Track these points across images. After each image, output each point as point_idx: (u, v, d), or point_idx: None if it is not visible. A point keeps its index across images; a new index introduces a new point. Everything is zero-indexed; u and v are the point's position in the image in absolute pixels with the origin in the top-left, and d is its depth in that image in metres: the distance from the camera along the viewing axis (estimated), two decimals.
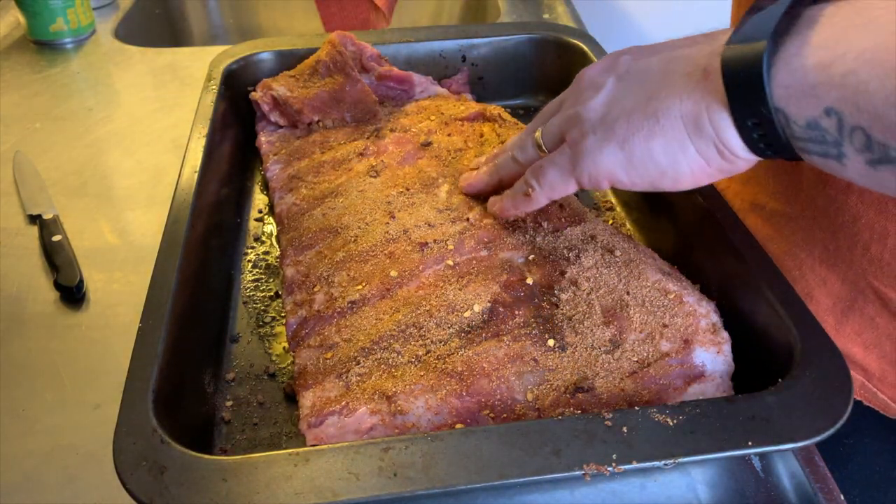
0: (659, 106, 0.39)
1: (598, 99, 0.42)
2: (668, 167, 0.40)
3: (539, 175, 0.46)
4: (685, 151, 0.39)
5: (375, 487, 0.34)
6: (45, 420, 0.49)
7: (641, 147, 0.40)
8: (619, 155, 0.41)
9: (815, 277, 0.55)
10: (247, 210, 0.65)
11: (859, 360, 0.55)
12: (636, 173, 0.41)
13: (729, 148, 0.38)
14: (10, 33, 1.04)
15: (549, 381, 0.43)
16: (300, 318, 0.50)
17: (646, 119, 0.39)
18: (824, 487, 0.42)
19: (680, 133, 0.38)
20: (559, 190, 0.46)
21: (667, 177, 0.40)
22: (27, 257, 0.62)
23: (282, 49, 0.74)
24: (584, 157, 0.42)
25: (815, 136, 0.34)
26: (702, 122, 0.37)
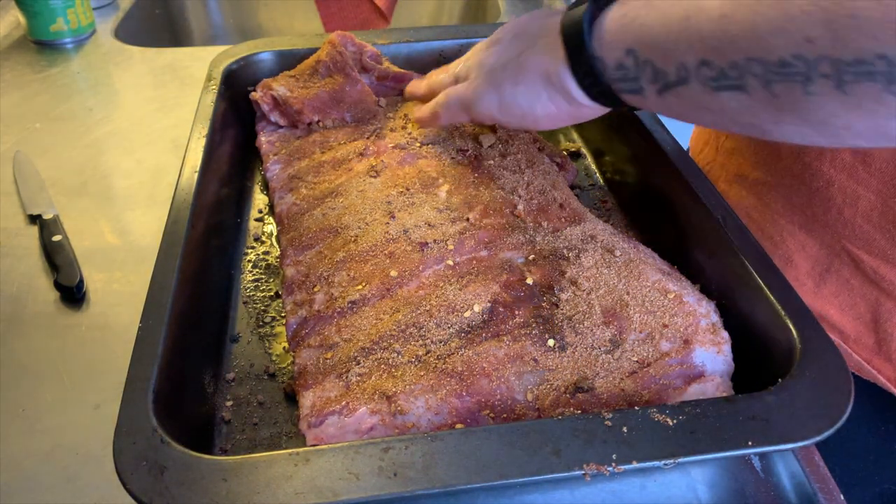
0: (526, 60, 0.48)
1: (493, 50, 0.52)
2: (528, 110, 0.49)
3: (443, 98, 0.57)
4: (540, 98, 0.48)
5: (375, 487, 0.34)
6: (45, 420, 0.49)
7: (510, 92, 0.49)
8: (494, 96, 0.51)
9: (794, 242, 0.58)
10: (247, 210, 0.65)
11: (836, 321, 0.57)
12: (506, 111, 0.51)
13: (572, 95, 0.46)
14: (10, 33, 1.04)
15: (549, 381, 0.43)
16: (300, 318, 0.50)
17: (516, 70, 0.49)
18: (824, 487, 0.42)
19: (538, 83, 0.48)
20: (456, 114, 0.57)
21: (528, 118, 0.50)
22: (27, 257, 0.62)
23: (282, 49, 0.74)
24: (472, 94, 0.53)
25: (623, 76, 0.42)
26: (551, 74, 0.46)
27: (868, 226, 0.52)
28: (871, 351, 0.56)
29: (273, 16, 1.36)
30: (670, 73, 0.39)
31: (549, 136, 0.74)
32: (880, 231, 0.52)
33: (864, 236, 0.53)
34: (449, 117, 0.57)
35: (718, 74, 0.36)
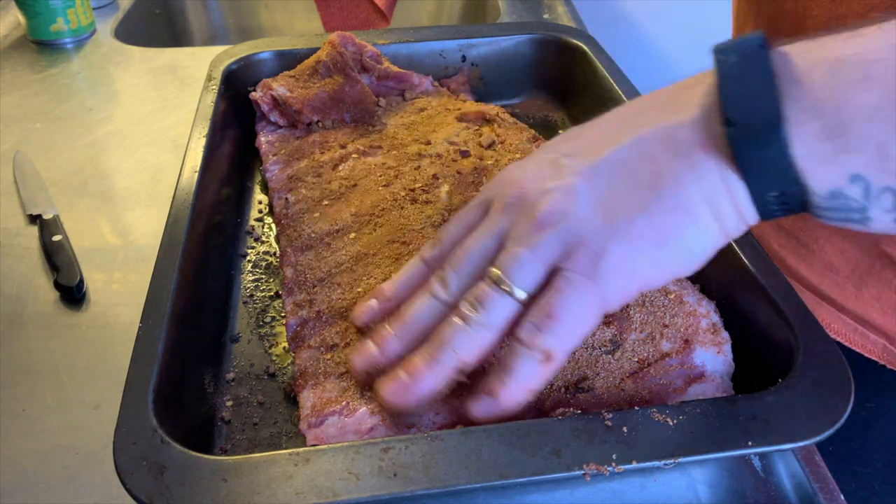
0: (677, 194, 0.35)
1: (582, 206, 0.35)
2: (699, 252, 0.36)
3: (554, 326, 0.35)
4: (712, 232, 0.36)
5: (375, 487, 0.34)
6: (45, 420, 0.49)
7: (677, 242, 0.35)
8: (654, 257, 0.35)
9: (832, 248, 0.55)
10: (247, 210, 0.65)
11: (879, 324, 0.56)
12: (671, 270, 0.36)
13: (745, 218, 0.36)
14: (10, 33, 1.04)
15: (550, 380, 0.43)
16: (300, 318, 0.50)
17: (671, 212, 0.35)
18: (824, 487, 0.42)
19: (706, 215, 0.35)
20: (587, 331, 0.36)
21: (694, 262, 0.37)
22: (27, 257, 0.62)
23: (282, 49, 0.74)
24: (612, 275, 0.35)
25: (839, 205, 0.32)
26: (723, 200, 0.35)
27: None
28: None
29: (273, 16, 1.36)
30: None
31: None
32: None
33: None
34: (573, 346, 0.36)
35: None
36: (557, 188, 0.36)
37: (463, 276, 0.38)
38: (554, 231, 0.35)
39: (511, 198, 0.38)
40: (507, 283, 0.35)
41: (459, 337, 0.36)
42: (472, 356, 0.37)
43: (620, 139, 0.36)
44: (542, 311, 0.35)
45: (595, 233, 0.35)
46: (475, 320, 0.36)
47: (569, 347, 0.36)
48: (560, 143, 0.40)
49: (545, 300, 0.35)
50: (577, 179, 0.36)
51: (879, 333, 0.56)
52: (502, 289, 0.36)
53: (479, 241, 0.38)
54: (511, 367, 0.36)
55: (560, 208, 0.35)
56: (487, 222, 0.38)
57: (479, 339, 0.36)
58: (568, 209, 0.35)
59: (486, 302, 0.36)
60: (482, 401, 0.37)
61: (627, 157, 0.36)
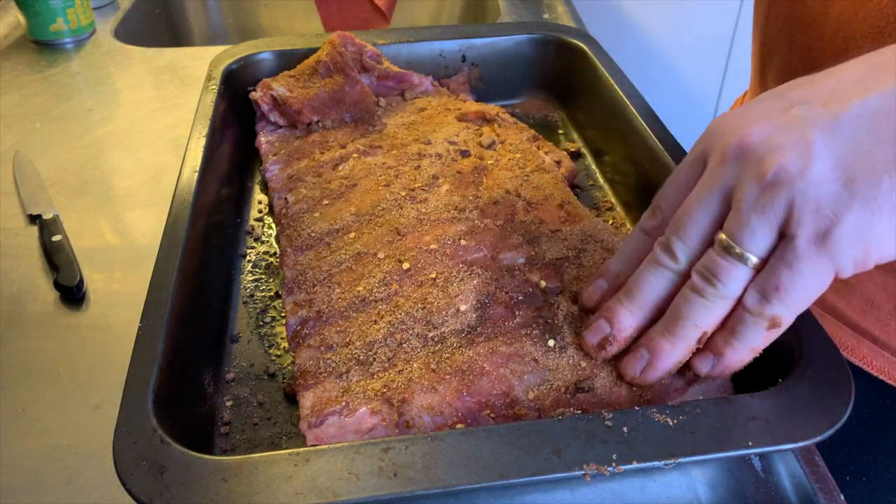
0: None
1: (819, 164, 0.32)
2: None
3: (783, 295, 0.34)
4: None
5: (375, 487, 0.34)
6: (45, 420, 0.49)
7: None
8: None
9: (873, 284, 0.51)
10: (247, 210, 0.65)
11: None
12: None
13: None
14: (10, 33, 1.04)
15: (550, 381, 0.43)
16: (300, 318, 0.50)
17: None
18: (824, 487, 0.42)
19: None
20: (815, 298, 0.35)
21: None
22: (27, 257, 0.62)
23: (282, 49, 0.74)
24: (845, 244, 0.32)
25: None
26: None
27: None
28: None
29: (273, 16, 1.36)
30: None
31: (549, 137, 0.74)
32: None
33: None
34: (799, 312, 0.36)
35: None
36: (792, 143, 0.32)
37: (690, 243, 0.37)
38: (786, 192, 0.32)
39: (733, 149, 0.34)
40: (739, 251, 0.34)
41: (699, 312, 0.36)
42: (711, 326, 0.37)
43: (872, 88, 0.32)
44: (769, 282, 0.34)
45: (832, 197, 0.32)
46: (713, 293, 0.35)
47: (796, 313, 0.35)
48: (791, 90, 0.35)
49: (773, 271, 0.34)
50: (815, 133, 0.32)
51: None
52: (734, 257, 0.34)
53: (702, 201, 0.36)
54: (738, 331, 0.36)
55: (794, 167, 0.32)
56: (708, 179, 0.36)
57: (718, 311, 0.36)
58: (803, 168, 0.32)
59: (721, 274, 0.35)
60: (707, 358, 0.38)
61: (880, 108, 0.32)
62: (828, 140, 0.32)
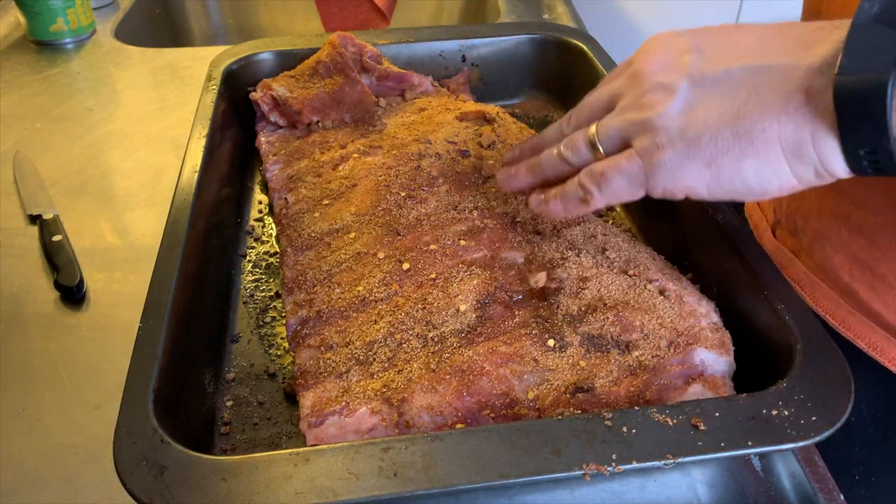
0: (752, 126, 0.37)
1: (673, 106, 0.39)
2: (757, 186, 0.38)
3: (601, 182, 0.43)
4: (779, 173, 0.38)
5: (375, 487, 0.34)
6: (45, 420, 0.49)
7: (731, 167, 0.38)
8: (703, 173, 0.39)
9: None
10: (247, 210, 0.65)
11: None
12: (720, 190, 0.40)
13: (830, 171, 0.37)
14: (10, 33, 1.04)
15: (549, 381, 0.43)
16: (300, 318, 0.50)
17: (736, 139, 0.38)
18: (824, 487, 0.42)
19: (776, 156, 0.37)
20: (623, 198, 0.43)
21: (752, 193, 0.39)
22: (27, 257, 0.62)
23: (282, 49, 0.74)
24: (660, 170, 0.40)
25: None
26: (804, 148, 0.36)
27: None
28: None
29: (273, 16, 1.36)
30: None
31: None
32: None
33: None
34: (609, 201, 0.44)
35: None
36: (666, 83, 0.40)
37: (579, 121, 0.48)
38: (642, 116, 0.41)
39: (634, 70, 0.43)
40: (594, 140, 0.44)
41: (550, 161, 0.48)
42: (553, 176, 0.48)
43: (740, 60, 0.39)
44: (600, 169, 0.43)
45: (667, 134, 0.40)
46: (564, 156, 0.47)
47: (604, 203, 0.44)
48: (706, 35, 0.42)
49: (606, 163, 0.43)
50: (684, 81, 0.40)
51: None
52: (589, 143, 0.45)
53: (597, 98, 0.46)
54: (565, 191, 0.46)
55: (657, 100, 0.40)
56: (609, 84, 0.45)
57: (560, 168, 0.47)
58: (661, 104, 0.40)
59: (575, 148, 0.46)
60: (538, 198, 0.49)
61: (736, 78, 0.38)
62: (689, 90, 0.40)
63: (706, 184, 0.40)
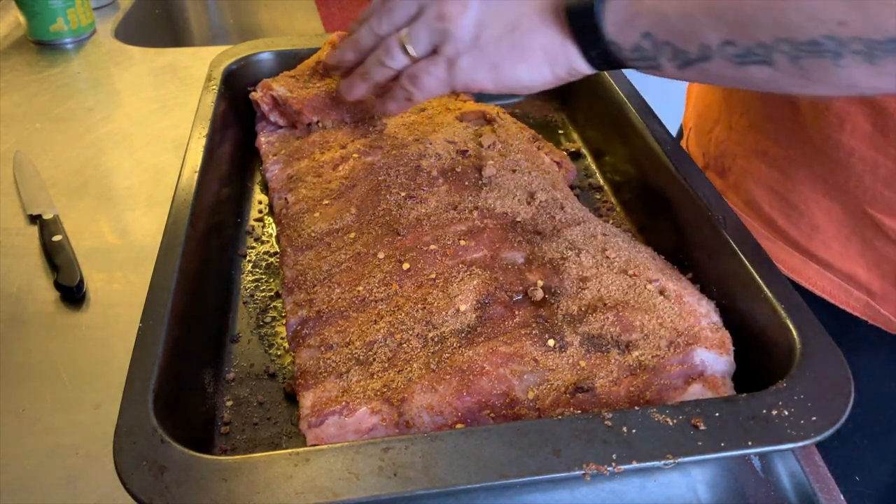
0: (523, 38, 0.49)
1: (467, 18, 0.50)
2: (528, 82, 0.51)
3: (417, 83, 0.54)
4: (542, 73, 0.50)
5: (375, 487, 0.34)
6: (45, 420, 0.49)
7: (510, 69, 0.50)
8: (490, 74, 0.51)
9: (819, 210, 0.60)
10: (247, 210, 0.65)
11: (864, 281, 0.60)
12: (503, 85, 0.51)
13: (577, 70, 0.49)
14: (10, 33, 1.04)
15: (549, 380, 0.43)
16: (300, 318, 0.50)
17: (513, 48, 0.50)
18: (824, 487, 0.42)
19: (540, 61, 0.49)
20: (437, 94, 0.55)
21: (524, 87, 0.51)
22: (27, 257, 0.62)
23: (282, 49, 0.74)
24: (460, 72, 0.52)
25: (640, 55, 0.45)
26: (558, 55, 0.49)
27: (888, 191, 0.55)
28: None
29: (273, 16, 1.36)
30: (692, 52, 0.42)
31: (549, 137, 0.74)
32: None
33: (884, 201, 0.56)
34: (427, 97, 0.56)
35: (744, 52, 0.39)
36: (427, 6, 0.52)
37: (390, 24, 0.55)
38: (444, 26, 0.51)
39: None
40: (406, 44, 0.53)
41: (373, 67, 0.57)
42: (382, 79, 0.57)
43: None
44: (414, 72, 0.54)
45: (463, 41, 0.51)
46: (382, 60, 0.55)
47: (423, 98, 0.55)
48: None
49: (418, 66, 0.54)
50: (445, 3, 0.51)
51: (862, 290, 0.60)
52: (401, 47, 0.54)
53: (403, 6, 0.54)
54: (393, 94, 0.57)
55: (454, 13, 0.51)
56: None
57: (385, 72, 0.56)
58: (457, 16, 0.51)
59: (391, 51, 0.55)
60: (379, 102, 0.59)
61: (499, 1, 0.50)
62: (480, 4, 0.50)
63: (493, 81, 0.51)
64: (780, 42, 0.37)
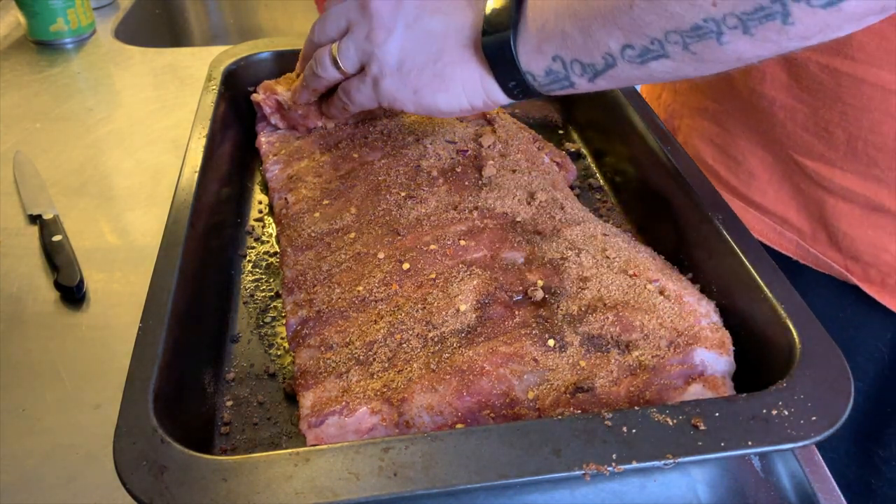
0: (444, 70, 0.52)
1: (392, 43, 0.53)
2: (446, 108, 0.53)
3: (350, 97, 0.58)
4: (460, 102, 0.53)
5: (375, 487, 0.34)
6: (45, 420, 0.49)
7: (429, 96, 0.53)
8: (411, 97, 0.54)
9: (754, 158, 0.66)
10: (247, 210, 0.65)
11: (794, 222, 0.65)
12: (422, 109, 0.54)
13: (494, 100, 0.52)
14: (11, 33, 1.04)
15: (549, 380, 0.43)
16: (300, 318, 0.50)
17: (434, 78, 0.52)
18: (824, 487, 0.42)
19: (459, 91, 0.52)
20: (367, 108, 0.58)
21: (441, 113, 0.54)
22: (27, 257, 0.62)
23: (282, 49, 0.74)
24: (383, 91, 0.55)
25: (553, 79, 0.47)
26: (476, 87, 0.51)
27: (806, 134, 0.60)
28: (824, 245, 0.64)
29: (273, 16, 1.36)
30: (598, 63, 0.45)
31: (549, 137, 0.74)
32: (816, 137, 0.60)
33: (804, 144, 0.61)
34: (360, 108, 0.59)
35: (642, 51, 0.42)
36: (387, 23, 0.53)
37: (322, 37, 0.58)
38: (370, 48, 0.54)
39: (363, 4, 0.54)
40: (336, 59, 0.56)
41: (310, 77, 0.60)
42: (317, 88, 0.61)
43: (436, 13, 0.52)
44: (347, 87, 0.58)
45: (388, 65, 0.53)
46: (318, 70, 0.59)
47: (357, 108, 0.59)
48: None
49: (350, 83, 0.57)
50: (401, 24, 0.53)
51: (794, 231, 0.66)
52: (332, 61, 0.57)
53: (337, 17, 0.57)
54: (332, 102, 0.61)
55: (381, 37, 0.53)
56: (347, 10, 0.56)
57: (321, 81, 0.60)
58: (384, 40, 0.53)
59: (325, 67, 0.58)
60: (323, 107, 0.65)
61: (436, 29, 0.52)
62: (404, 32, 0.52)
63: (413, 105, 0.54)
64: (669, 34, 0.40)
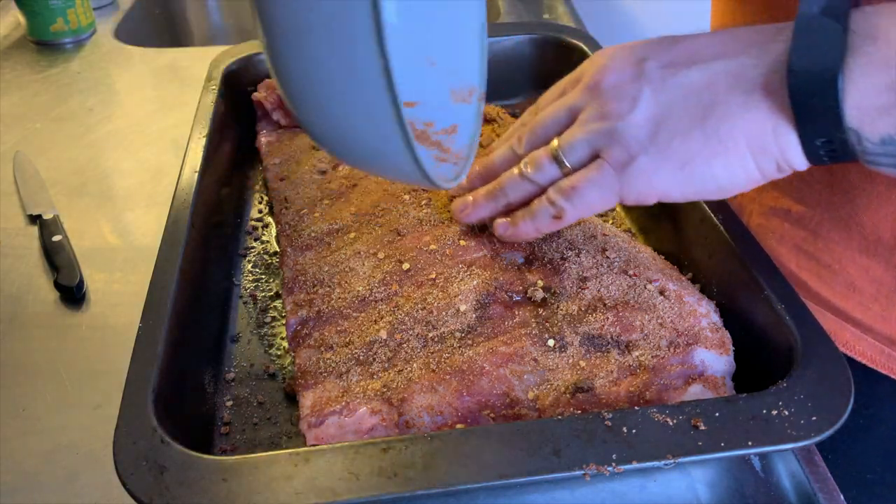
0: (719, 126, 0.39)
1: (639, 114, 0.41)
2: (727, 183, 0.40)
3: (573, 195, 0.43)
4: (746, 168, 0.39)
5: (375, 487, 0.34)
6: (45, 420, 0.49)
7: (702, 168, 0.40)
8: (677, 176, 0.40)
9: (855, 268, 0.54)
10: (247, 210, 0.65)
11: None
12: (692, 190, 0.41)
13: (790, 163, 0.39)
14: (10, 33, 1.04)
15: (549, 380, 0.43)
16: (300, 318, 0.50)
17: (706, 140, 0.39)
18: (824, 487, 0.42)
19: (742, 152, 0.39)
20: (598, 209, 0.44)
21: (722, 191, 0.41)
22: (27, 257, 0.62)
23: None
24: (634, 178, 0.41)
25: (890, 151, 0.35)
26: (767, 142, 0.38)
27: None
28: None
29: None
30: None
31: None
32: None
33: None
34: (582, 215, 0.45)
35: None
36: (628, 93, 0.41)
37: (535, 140, 0.47)
38: (609, 126, 0.42)
39: (591, 84, 0.44)
40: (558, 154, 0.44)
41: (512, 184, 0.47)
42: (517, 200, 0.47)
43: (695, 64, 0.40)
44: (570, 183, 0.43)
45: (637, 140, 0.41)
46: (526, 175, 0.46)
47: (577, 216, 0.45)
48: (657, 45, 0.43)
49: (576, 177, 0.43)
50: (646, 90, 0.41)
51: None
52: (553, 158, 0.44)
53: (555, 113, 0.46)
54: (534, 210, 0.46)
55: (622, 109, 0.41)
56: (566, 99, 0.45)
57: (525, 189, 0.46)
58: (627, 113, 0.41)
59: (539, 165, 0.45)
60: (505, 223, 0.48)
61: (696, 81, 0.40)
62: (652, 97, 0.41)
63: (679, 185, 0.41)
64: None
